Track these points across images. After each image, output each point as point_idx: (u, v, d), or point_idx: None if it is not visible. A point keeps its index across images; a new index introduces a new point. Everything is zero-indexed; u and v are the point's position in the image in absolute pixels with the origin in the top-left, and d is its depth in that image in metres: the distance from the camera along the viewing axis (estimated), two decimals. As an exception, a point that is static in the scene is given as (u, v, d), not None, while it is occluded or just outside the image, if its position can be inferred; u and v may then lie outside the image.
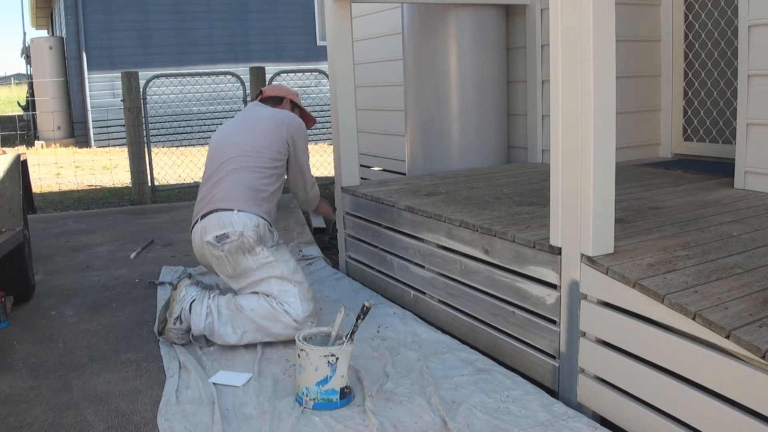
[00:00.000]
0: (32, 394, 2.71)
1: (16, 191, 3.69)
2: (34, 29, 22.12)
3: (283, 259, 3.13)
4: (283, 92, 3.72)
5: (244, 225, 3.06)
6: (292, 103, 3.68)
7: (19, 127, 15.15)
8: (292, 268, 3.12)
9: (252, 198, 3.17)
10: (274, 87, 3.81)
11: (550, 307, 2.58)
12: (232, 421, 2.43)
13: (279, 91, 3.73)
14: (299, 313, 3.02)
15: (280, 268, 3.09)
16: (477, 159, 4.72)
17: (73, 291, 4.05)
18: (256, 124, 3.41)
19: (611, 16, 2.26)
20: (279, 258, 3.12)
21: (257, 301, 3.05)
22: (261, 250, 3.08)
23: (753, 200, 3.26)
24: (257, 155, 3.26)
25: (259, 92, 3.76)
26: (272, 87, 3.81)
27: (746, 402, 1.87)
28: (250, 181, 3.20)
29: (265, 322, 3.02)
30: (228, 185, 3.18)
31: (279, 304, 3.03)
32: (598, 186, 2.32)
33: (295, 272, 3.12)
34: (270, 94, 3.71)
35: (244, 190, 3.17)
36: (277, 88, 3.78)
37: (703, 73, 4.42)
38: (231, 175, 3.21)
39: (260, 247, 3.07)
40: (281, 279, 3.07)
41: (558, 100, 2.39)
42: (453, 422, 2.34)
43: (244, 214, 3.10)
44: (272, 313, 3.02)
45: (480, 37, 4.64)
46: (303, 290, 3.09)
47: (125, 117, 6.86)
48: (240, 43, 13.84)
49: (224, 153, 3.30)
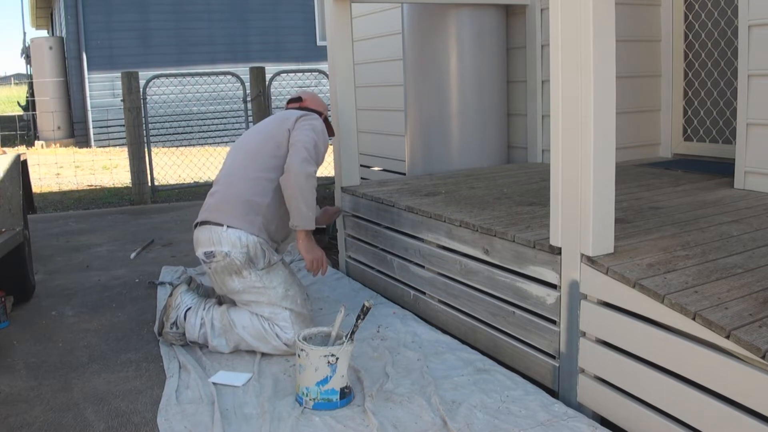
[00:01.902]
0: (32, 394, 2.71)
1: (16, 191, 3.69)
2: (34, 29, 22.14)
3: (271, 286, 2.94)
4: (321, 107, 3.50)
5: (233, 245, 2.91)
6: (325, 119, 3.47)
7: (19, 127, 15.15)
8: (280, 295, 2.95)
9: (244, 212, 2.98)
10: (313, 97, 3.53)
11: (550, 307, 2.58)
12: (232, 421, 2.43)
13: (318, 105, 3.49)
14: (290, 338, 2.91)
15: (268, 294, 2.94)
16: (477, 159, 4.72)
17: (73, 291, 4.05)
18: (266, 124, 3.28)
19: (611, 16, 2.25)
20: (267, 284, 2.94)
21: (249, 320, 2.96)
22: (248, 274, 2.92)
23: (753, 200, 3.26)
24: (253, 159, 3.10)
25: (298, 98, 3.50)
26: (311, 97, 3.53)
27: (746, 402, 1.87)
28: (244, 192, 3.02)
29: (255, 342, 2.95)
30: (222, 195, 3.05)
31: (271, 326, 2.93)
32: (598, 186, 2.32)
33: (284, 299, 2.96)
34: (310, 106, 3.45)
35: (236, 203, 2.99)
36: (316, 100, 3.52)
37: (703, 73, 4.42)
38: (227, 185, 3.07)
39: (248, 271, 2.92)
40: (270, 304, 2.95)
41: (558, 100, 2.39)
42: (453, 422, 2.34)
43: (234, 231, 2.93)
44: (263, 335, 2.93)
45: (480, 37, 4.64)
46: (294, 315, 2.95)
47: (125, 117, 6.86)
48: (240, 43, 13.84)
49: (231, 159, 3.20)
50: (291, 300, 2.98)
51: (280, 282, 2.98)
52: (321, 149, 3.14)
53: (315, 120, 3.22)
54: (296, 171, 2.95)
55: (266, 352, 2.97)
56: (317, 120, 3.23)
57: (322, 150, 3.15)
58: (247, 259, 2.92)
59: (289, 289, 3.00)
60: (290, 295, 2.99)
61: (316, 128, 3.16)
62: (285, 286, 2.99)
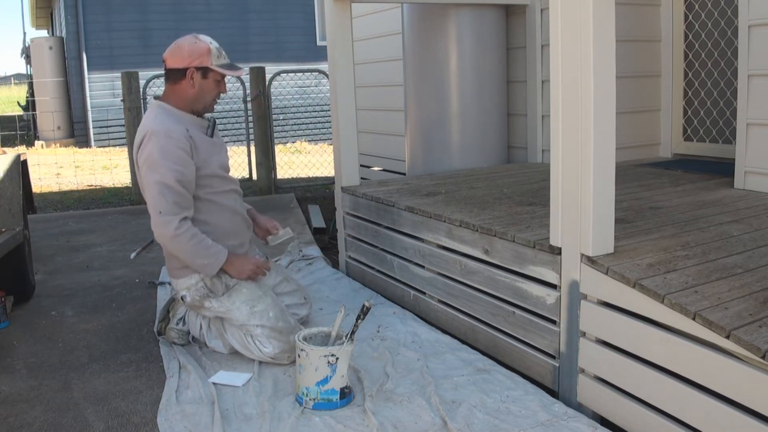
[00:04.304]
0: (32, 394, 2.71)
1: (16, 191, 3.69)
2: (34, 29, 22.13)
3: (235, 307, 2.85)
4: (186, 58, 2.76)
5: (187, 288, 2.87)
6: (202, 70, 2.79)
7: (19, 127, 15.14)
8: (246, 314, 2.84)
9: (174, 263, 2.87)
10: (174, 50, 2.80)
11: (550, 307, 2.58)
12: (232, 421, 2.43)
13: (180, 59, 2.78)
14: (270, 352, 2.85)
15: (235, 316, 2.86)
16: (477, 159, 4.72)
17: (73, 291, 4.04)
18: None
19: (611, 16, 2.25)
20: (230, 307, 2.86)
21: (237, 329, 2.93)
22: (210, 304, 2.87)
23: (753, 200, 3.26)
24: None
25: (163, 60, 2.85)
26: (172, 51, 2.81)
27: (746, 402, 1.87)
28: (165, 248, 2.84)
29: (242, 350, 2.93)
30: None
31: (252, 340, 2.88)
32: (598, 186, 2.32)
33: (251, 317, 2.84)
34: (169, 66, 2.80)
35: (168, 256, 2.89)
36: (177, 53, 2.78)
37: (703, 73, 4.42)
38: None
39: (209, 302, 2.86)
40: (241, 325, 2.88)
41: (558, 100, 2.39)
42: (453, 422, 2.34)
43: (182, 279, 2.87)
44: (247, 346, 2.90)
45: (480, 37, 4.64)
46: (267, 331, 2.84)
47: (125, 117, 6.86)
48: (240, 43, 13.82)
49: None
50: (260, 317, 2.85)
51: (242, 302, 2.87)
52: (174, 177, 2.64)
53: (151, 143, 2.67)
54: (161, 241, 2.75)
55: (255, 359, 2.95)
56: (155, 138, 2.67)
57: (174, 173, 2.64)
58: (205, 293, 2.86)
59: (255, 306, 2.87)
60: (257, 311, 2.86)
61: (154, 159, 2.65)
62: (249, 304, 2.86)
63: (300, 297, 3.29)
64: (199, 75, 2.80)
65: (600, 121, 2.28)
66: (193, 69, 2.78)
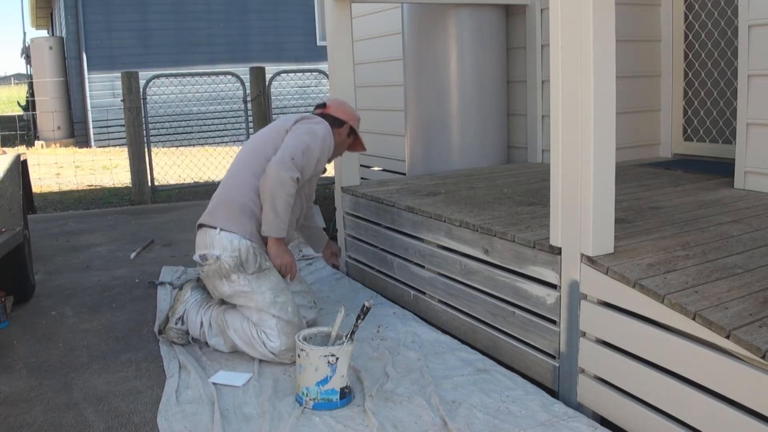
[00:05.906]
0: (32, 394, 2.71)
1: (16, 191, 3.69)
2: (34, 29, 22.14)
3: (260, 291, 2.88)
4: (347, 115, 3.31)
5: (224, 248, 2.88)
6: (351, 130, 3.33)
7: (19, 127, 15.14)
8: (268, 301, 2.88)
9: (237, 215, 2.93)
10: (340, 105, 3.36)
11: (550, 307, 2.58)
12: (232, 421, 2.43)
13: (343, 113, 3.30)
14: (276, 347, 2.85)
15: (256, 299, 2.88)
16: (477, 159, 4.72)
17: (73, 291, 4.05)
18: (270, 127, 3.19)
19: (611, 16, 2.25)
20: (256, 289, 2.88)
21: (240, 324, 2.93)
22: (237, 278, 2.88)
23: (753, 200, 3.26)
24: (250, 162, 3.03)
25: (323, 104, 3.34)
26: (338, 104, 3.36)
27: (746, 402, 1.87)
28: (239, 196, 2.97)
29: (244, 346, 2.93)
30: (219, 199, 3.03)
31: (258, 333, 2.88)
32: (598, 186, 2.32)
33: (272, 305, 2.88)
34: (333, 113, 3.28)
35: (231, 206, 2.95)
36: (342, 108, 3.33)
37: (703, 73, 4.42)
38: (225, 188, 3.04)
39: (237, 275, 2.87)
40: (258, 310, 2.89)
41: (558, 100, 2.39)
42: (453, 422, 2.34)
43: (227, 234, 2.89)
44: (251, 340, 2.90)
45: (480, 37, 4.64)
46: (282, 324, 2.87)
47: (125, 117, 6.86)
48: (240, 43, 13.84)
49: (235, 161, 3.15)
50: (279, 307, 2.89)
51: (269, 288, 2.91)
52: (313, 155, 3.00)
53: (317, 124, 3.09)
54: (271, 175, 2.86)
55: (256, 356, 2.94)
56: (321, 125, 3.10)
57: (316, 156, 3.02)
58: (237, 263, 2.88)
59: (278, 295, 2.91)
60: (279, 302, 2.90)
61: (315, 133, 3.03)
62: (274, 292, 2.91)
63: (309, 300, 3.28)
64: (348, 131, 3.33)
65: (600, 121, 2.28)
66: (349, 126, 3.31)
